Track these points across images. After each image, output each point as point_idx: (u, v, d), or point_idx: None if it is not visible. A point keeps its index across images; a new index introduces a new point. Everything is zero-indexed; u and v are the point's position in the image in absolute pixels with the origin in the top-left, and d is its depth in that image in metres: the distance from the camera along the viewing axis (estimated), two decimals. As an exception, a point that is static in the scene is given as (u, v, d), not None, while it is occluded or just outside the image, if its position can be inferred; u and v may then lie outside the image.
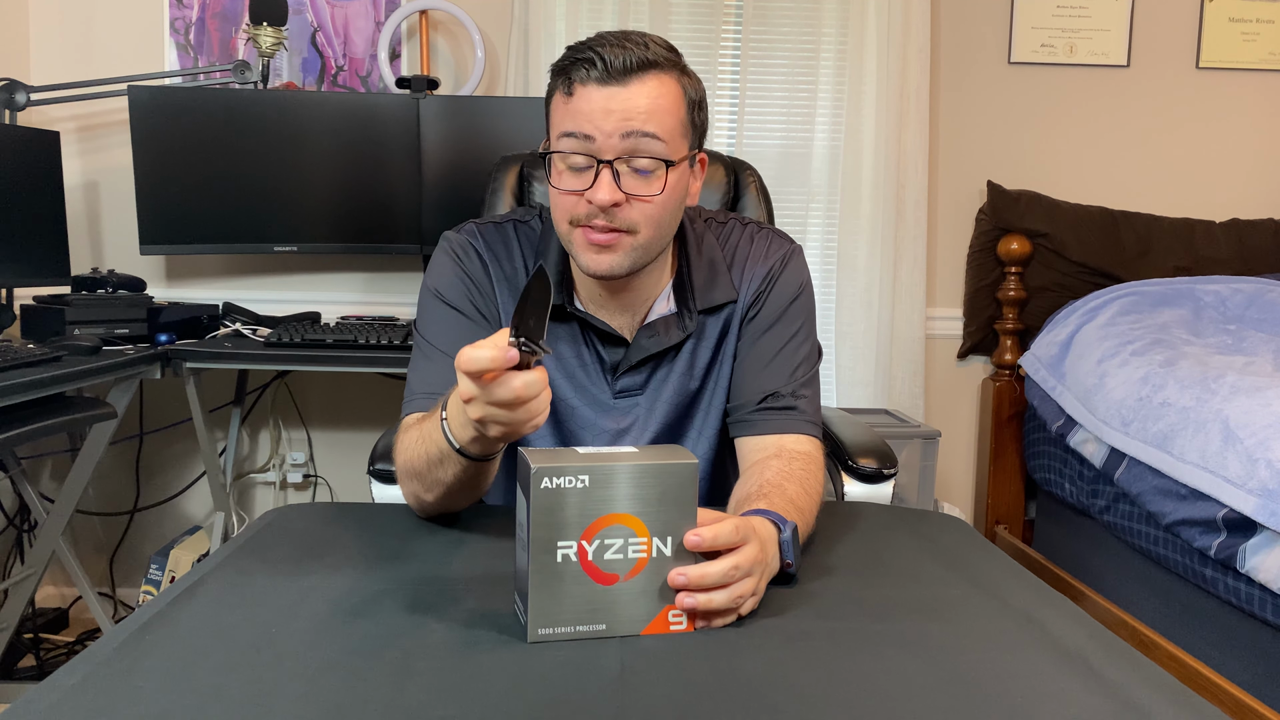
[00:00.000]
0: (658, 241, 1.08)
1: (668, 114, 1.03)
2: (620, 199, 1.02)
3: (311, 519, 1.07)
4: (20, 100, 2.26)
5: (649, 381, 1.17)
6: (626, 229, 1.04)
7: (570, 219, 1.05)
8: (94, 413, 1.94)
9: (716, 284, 1.17)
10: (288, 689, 0.67)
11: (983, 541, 1.06)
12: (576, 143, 1.02)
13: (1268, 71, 2.71)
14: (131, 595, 2.60)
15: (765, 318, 1.17)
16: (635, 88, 1.01)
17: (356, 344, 2.10)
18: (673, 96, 1.04)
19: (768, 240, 1.21)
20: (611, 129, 1.01)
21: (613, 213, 1.03)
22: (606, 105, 1.01)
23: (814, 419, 1.15)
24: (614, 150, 1.01)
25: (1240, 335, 2.24)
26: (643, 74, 1.01)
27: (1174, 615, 1.92)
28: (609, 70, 1.00)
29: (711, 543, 0.78)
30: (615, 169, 1.02)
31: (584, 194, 1.03)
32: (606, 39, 1.03)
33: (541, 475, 0.75)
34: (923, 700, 0.68)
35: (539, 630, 0.76)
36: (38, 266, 2.19)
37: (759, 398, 1.14)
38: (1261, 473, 1.59)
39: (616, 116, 1.01)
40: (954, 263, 2.73)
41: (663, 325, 1.15)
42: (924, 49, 2.54)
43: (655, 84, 1.02)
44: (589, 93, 1.01)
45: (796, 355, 1.16)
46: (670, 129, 1.03)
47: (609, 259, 1.05)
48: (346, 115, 2.32)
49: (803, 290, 1.20)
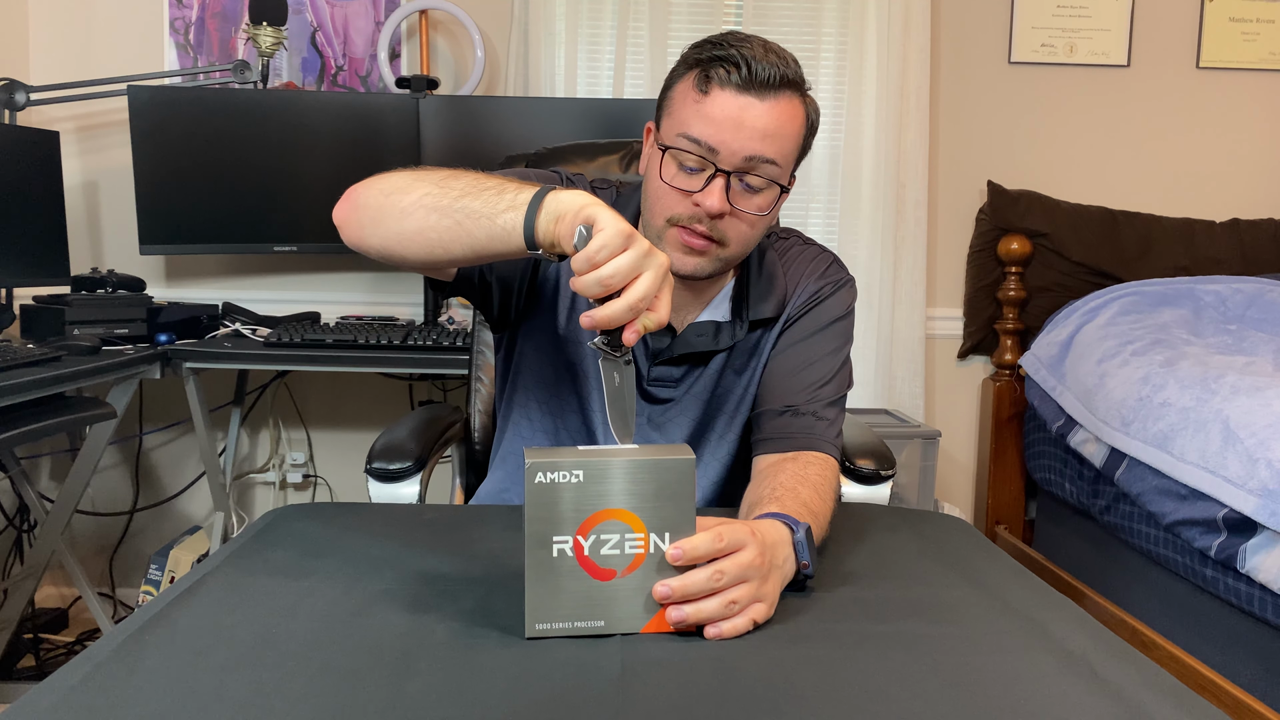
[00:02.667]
0: (741, 256, 1.10)
1: (790, 139, 1.03)
2: (728, 209, 1.03)
3: (311, 519, 1.06)
4: (20, 100, 2.26)
5: (685, 377, 1.17)
6: (719, 240, 1.05)
7: (669, 216, 1.06)
8: (93, 413, 1.94)
9: (771, 299, 1.17)
10: (288, 689, 0.67)
11: (984, 542, 1.06)
12: (699, 147, 1.02)
13: (1268, 71, 2.71)
14: (131, 595, 2.60)
15: (802, 329, 1.17)
16: (770, 104, 1.01)
17: (356, 344, 2.10)
18: (799, 121, 1.04)
19: (826, 264, 1.21)
20: (739, 147, 1.01)
21: (714, 223, 1.04)
22: (740, 117, 1.00)
23: (834, 441, 1.13)
24: (734, 164, 1.01)
25: (1240, 335, 2.24)
26: (779, 92, 1.01)
27: (1174, 615, 1.92)
28: (752, 79, 1.00)
29: (691, 555, 0.77)
30: (729, 181, 1.02)
31: (693, 195, 1.03)
32: (752, 42, 1.02)
33: (536, 470, 0.75)
34: (924, 701, 0.68)
35: (536, 625, 0.76)
36: (37, 266, 2.18)
37: (780, 407, 1.13)
38: (1262, 473, 1.59)
39: (746, 134, 1.01)
40: (954, 263, 2.73)
41: (713, 329, 1.16)
42: (924, 49, 2.54)
43: (788, 105, 1.02)
44: (725, 98, 1.01)
45: (825, 372, 1.15)
46: (788, 153, 1.04)
47: (696, 262, 1.07)
48: (346, 115, 2.32)
49: (845, 316, 1.20)
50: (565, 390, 1.19)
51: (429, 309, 2.44)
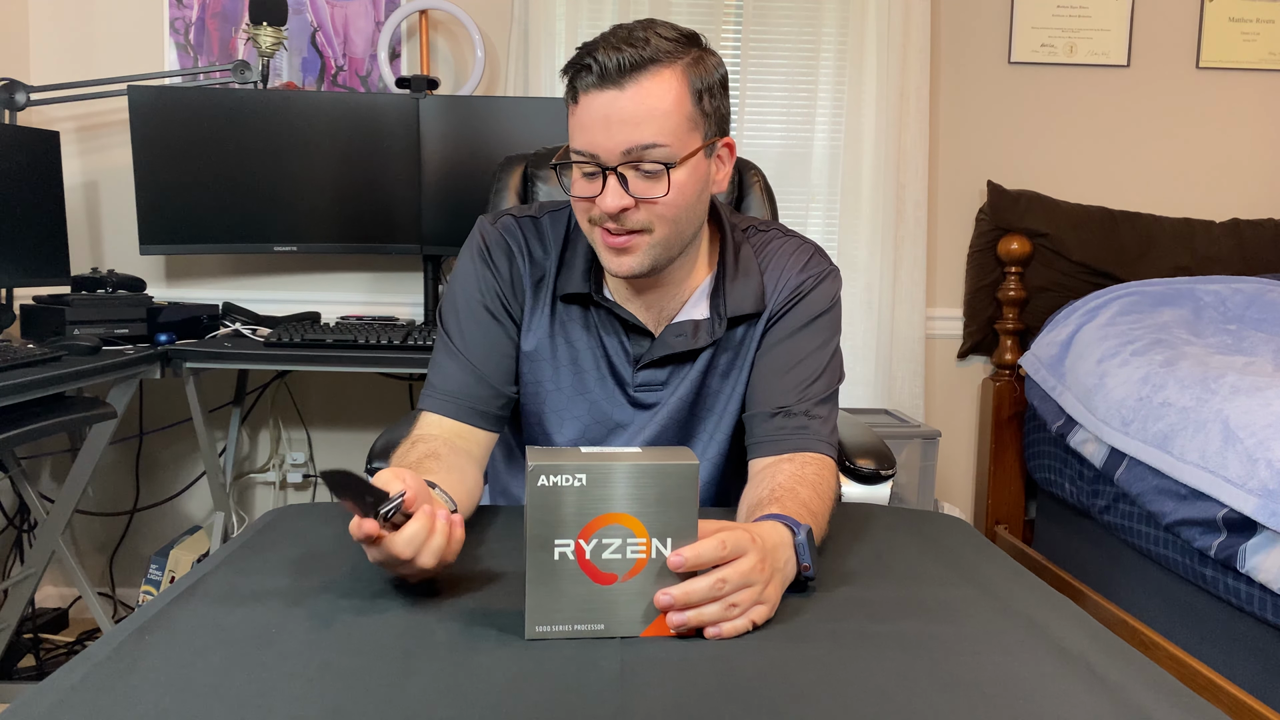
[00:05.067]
0: (676, 237, 1.08)
1: (669, 114, 1.02)
2: (628, 204, 1.03)
3: (311, 519, 1.06)
4: (20, 100, 2.26)
5: (670, 380, 1.17)
6: (640, 229, 1.05)
7: (589, 219, 1.07)
8: (94, 413, 1.94)
9: (749, 294, 1.16)
10: (288, 689, 0.67)
11: (984, 542, 1.06)
12: (583, 156, 1.03)
13: (1268, 71, 2.71)
14: (131, 595, 2.60)
15: (787, 326, 1.16)
16: (632, 90, 1.01)
17: (356, 344, 2.10)
18: (675, 93, 1.03)
19: (807, 255, 1.20)
20: (613, 144, 1.01)
21: (623, 217, 1.04)
22: (606, 114, 1.01)
23: (829, 439, 1.12)
24: (616, 160, 1.02)
25: (1240, 335, 2.24)
26: (638, 75, 1.01)
27: (1174, 615, 1.92)
28: (604, 74, 1.00)
29: (694, 563, 0.77)
30: (621, 174, 1.02)
31: (594, 200, 1.04)
32: (606, 38, 1.03)
33: (538, 473, 0.75)
34: (924, 701, 0.68)
35: (536, 627, 0.76)
36: (38, 266, 2.18)
37: (771, 410, 1.12)
38: (1261, 473, 1.59)
39: (616, 128, 1.01)
40: (954, 263, 2.73)
41: (691, 328, 1.15)
42: (924, 49, 2.54)
43: (653, 84, 1.01)
44: (589, 102, 1.02)
45: (814, 369, 1.15)
46: (674, 128, 1.03)
47: (628, 260, 1.07)
48: (346, 115, 2.32)
49: (830, 309, 1.18)
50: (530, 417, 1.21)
51: (429, 309, 2.44)
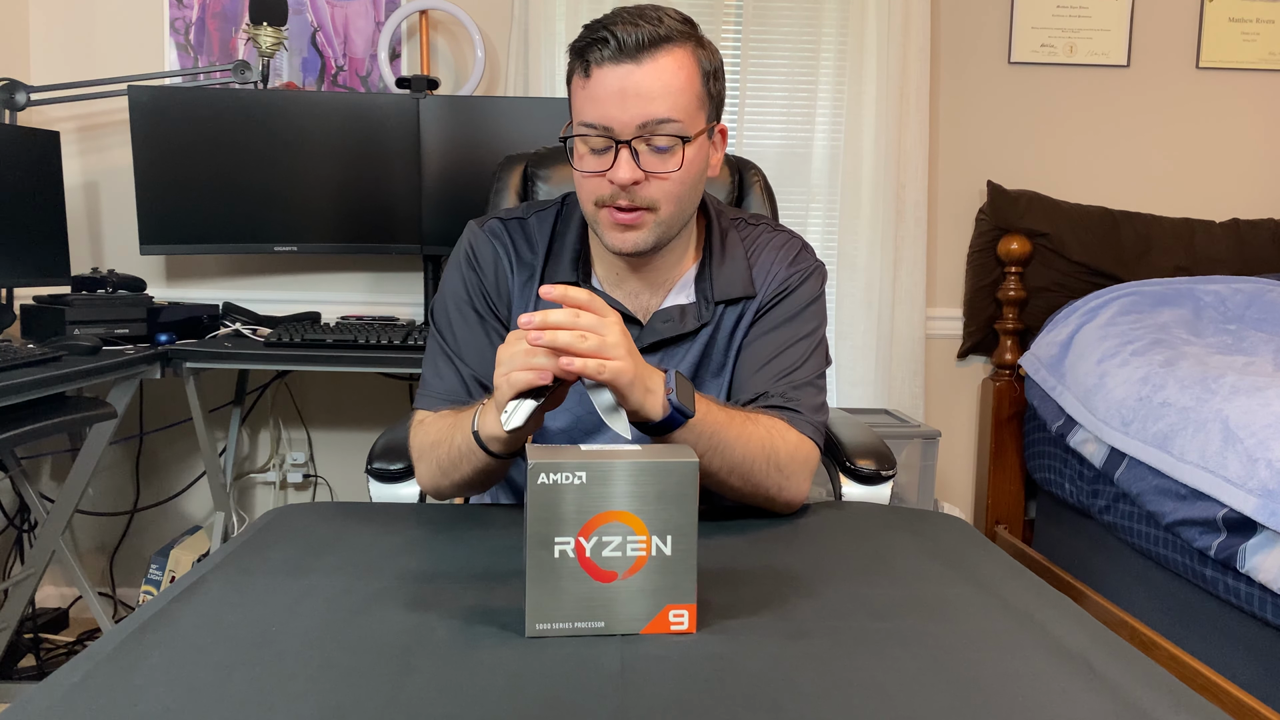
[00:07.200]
0: (679, 216, 1.10)
1: (682, 91, 1.05)
2: (640, 177, 1.05)
3: (311, 519, 1.06)
4: (20, 100, 2.26)
5: (659, 366, 1.17)
6: (648, 206, 1.07)
7: (595, 200, 1.08)
8: (94, 413, 1.94)
9: (736, 278, 1.18)
10: (288, 688, 0.67)
11: (983, 541, 1.06)
12: (595, 129, 1.05)
13: (1268, 71, 2.71)
14: (131, 595, 2.60)
15: (774, 318, 1.18)
16: (649, 66, 1.03)
17: (356, 344, 2.10)
18: (688, 72, 1.06)
19: (795, 249, 1.22)
20: (629, 117, 1.03)
21: (633, 191, 1.05)
22: (622, 87, 1.03)
23: (811, 419, 1.13)
24: (631, 133, 1.03)
25: (1240, 335, 2.24)
26: (655, 51, 1.04)
27: (1174, 615, 1.92)
28: (622, 48, 1.03)
29: (561, 295, 0.89)
30: (634, 148, 1.04)
31: (605, 174, 1.05)
32: (620, 15, 1.05)
33: (538, 471, 0.75)
34: (923, 700, 0.68)
35: (537, 625, 0.76)
36: (38, 266, 2.19)
37: (751, 396, 1.14)
38: (1261, 473, 1.59)
39: (633, 101, 1.03)
40: (954, 263, 2.73)
41: (678, 312, 1.17)
42: (924, 49, 2.54)
43: (669, 60, 1.04)
44: (604, 74, 1.04)
45: (796, 358, 1.16)
46: (686, 105, 1.05)
47: (634, 236, 1.08)
48: (346, 115, 2.32)
49: (815, 300, 1.20)
50: None
51: (429, 309, 2.44)
